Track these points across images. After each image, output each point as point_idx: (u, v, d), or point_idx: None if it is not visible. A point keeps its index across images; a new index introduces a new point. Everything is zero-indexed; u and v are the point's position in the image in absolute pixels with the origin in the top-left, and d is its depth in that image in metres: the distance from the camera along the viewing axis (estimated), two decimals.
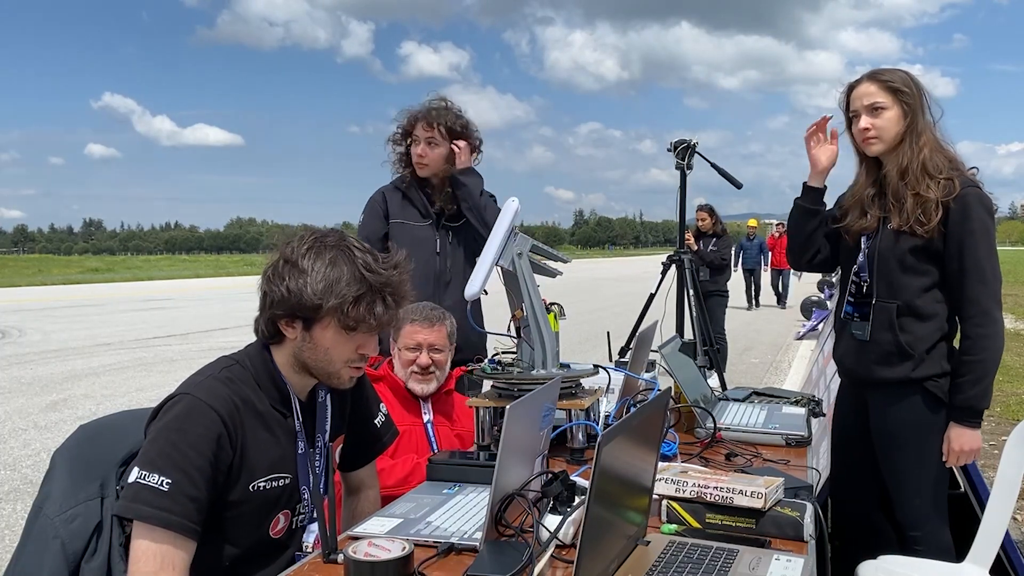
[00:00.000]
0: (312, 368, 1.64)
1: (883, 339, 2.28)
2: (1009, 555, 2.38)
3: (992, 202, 2.24)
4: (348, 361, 1.63)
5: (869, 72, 2.33)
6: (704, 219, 8.32)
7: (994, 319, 2.21)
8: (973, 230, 2.18)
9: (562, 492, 1.57)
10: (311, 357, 1.61)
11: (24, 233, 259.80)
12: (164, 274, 37.38)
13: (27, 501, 3.61)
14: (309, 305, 1.55)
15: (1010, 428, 2.67)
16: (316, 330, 1.59)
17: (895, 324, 2.27)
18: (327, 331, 1.58)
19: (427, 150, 3.09)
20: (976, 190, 2.21)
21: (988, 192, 2.24)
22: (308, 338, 1.60)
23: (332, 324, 1.57)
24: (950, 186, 2.19)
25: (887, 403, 2.31)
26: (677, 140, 4.45)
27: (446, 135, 3.09)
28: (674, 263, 4.72)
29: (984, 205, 2.21)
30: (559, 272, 2.22)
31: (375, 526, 1.58)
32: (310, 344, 1.60)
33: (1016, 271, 32.61)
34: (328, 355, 1.61)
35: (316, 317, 1.57)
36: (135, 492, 1.45)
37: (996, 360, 2.22)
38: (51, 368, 9.22)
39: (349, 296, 1.54)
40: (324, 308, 1.54)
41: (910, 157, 2.24)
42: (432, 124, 3.07)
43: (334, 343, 1.59)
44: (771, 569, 1.37)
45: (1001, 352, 2.23)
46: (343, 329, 1.57)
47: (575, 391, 2.11)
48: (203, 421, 1.51)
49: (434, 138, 3.08)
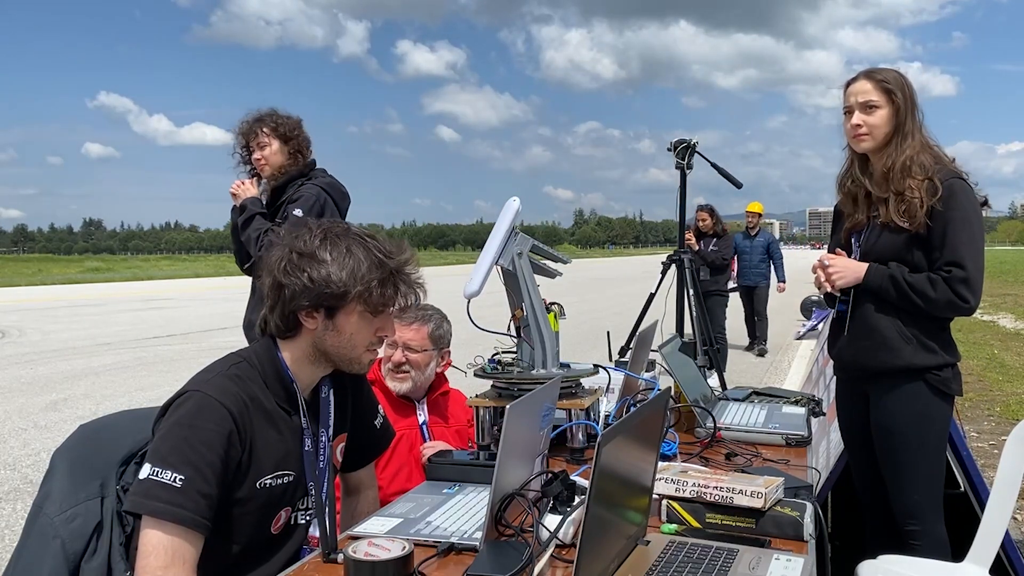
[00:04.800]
0: (333, 355, 1.66)
1: (881, 325, 2.30)
2: (1009, 555, 2.39)
3: (976, 194, 2.28)
4: (369, 344, 1.67)
5: (865, 70, 2.38)
6: (704, 219, 8.31)
7: (962, 300, 2.19)
8: (954, 218, 2.21)
9: (562, 492, 1.57)
10: (333, 344, 1.64)
11: (24, 233, 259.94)
12: (164, 274, 37.40)
13: (27, 501, 3.62)
14: (335, 293, 1.58)
15: (1010, 428, 2.68)
16: (340, 317, 1.62)
17: (891, 312, 2.29)
18: (351, 316, 1.62)
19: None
20: (960, 181, 2.25)
21: (973, 184, 2.28)
22: (331, 326, 1.62)
23: (358, 309, 1.61)
24: (932, 186, 2.22)
25: (887, 394, 2.32)
26: (677, 140, 4.45)
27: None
28: (674, 263, 4.73)
29: (967, 195, 2.24)
30: (559, 272, 2.22)
31: (375, 526, 1.58)
32: (333, 331, 1.63)
33: (1016, 271, 32.62)
34: (352, 340, 1.64)
35: (341, 304, 1.60)
36: (147, 488, 1.46)
37: (921, 305, 2.21)
38: (51, 368, 9.22)
39: (374, 280, 1.58)
40: (351, 294, 1.58)
41: (895, 157, 2.29)
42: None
43: (358, 328, 1.63)
44: (771, 569, 1.37)
45: (939, 312, 2.23)
46: (369, 313, 1.62)
47: (575, 391, 2.11)
48: (214, 418, 1.51)
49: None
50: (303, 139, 3.53)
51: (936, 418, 2.28)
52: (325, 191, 3.44)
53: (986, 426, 6.06)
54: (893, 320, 2.28)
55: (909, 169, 2.25)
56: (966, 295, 2.19)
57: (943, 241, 2.21)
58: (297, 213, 3.34)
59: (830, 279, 2.35)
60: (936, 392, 2.27)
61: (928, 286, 2.21)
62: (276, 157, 3.47)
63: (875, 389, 2.36)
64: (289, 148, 3.48)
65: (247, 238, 3.40)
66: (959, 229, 2.20)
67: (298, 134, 3.51)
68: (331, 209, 3.45)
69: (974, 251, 2.21)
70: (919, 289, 2.22)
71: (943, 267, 2.21)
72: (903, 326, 2.27)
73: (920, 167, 2.25)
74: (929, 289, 2.21)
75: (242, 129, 3.51)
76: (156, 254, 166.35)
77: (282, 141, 3.47)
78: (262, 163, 3.48)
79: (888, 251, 2.29)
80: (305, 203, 3.37)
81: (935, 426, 2.28)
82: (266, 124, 3.46)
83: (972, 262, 2.19)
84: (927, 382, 2.27)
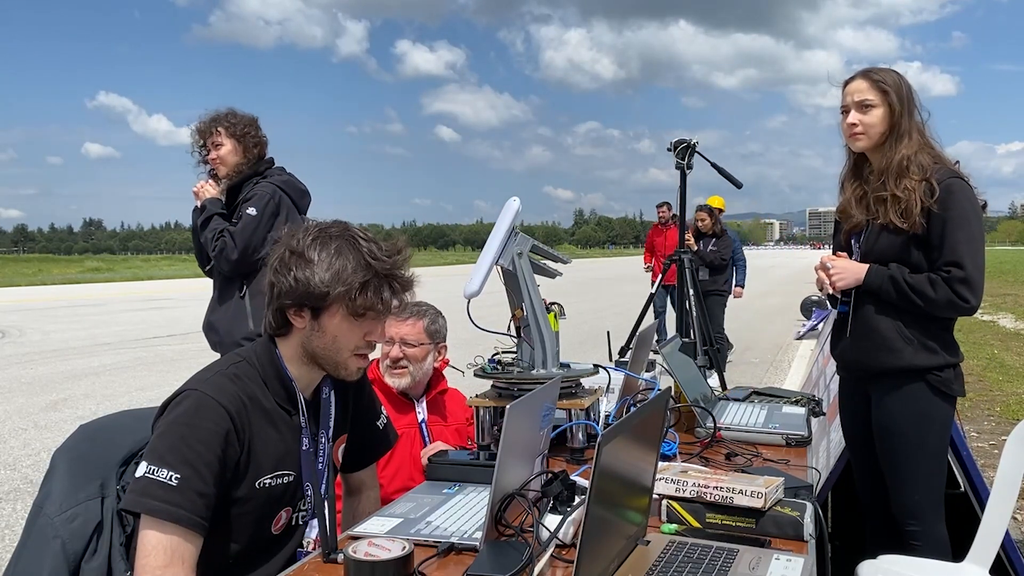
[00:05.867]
0: (320, 357, 1.65)
1: (882, 326, 2.30)
2: (1009, 555, 2.39)
3: (975, 194, 2.27)
4: (355, 349, 1.65)
5: (863, 69, 2.39)
6: (704, 219, 8.30)
7: (962, 300, 2.19)
8: (952, 218, 2.21)
9: (562, 492, 1.57)
10: (319, 345, 1.63)
11: (24, 233, 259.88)
12: (164, 274, 37.36)
13: (27, 501, 3.62)
14: (317, 293, 1.57)
15: (1010, 428, 2.68)
16: (324, 318, 1.61)
17: (892, 313, 2.29)
18: (335, 318, 1.61)
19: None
20: (958, 180, 2.25)
21: (973, 186, 2.28)
22: (316, 326, 1.62)
23: (340, 311, 1.60)
24: (929, 187, 2.22)
25: (889, 394, 2.32)
26: (677, 140, 4.46)
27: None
28: (674, 263, 4.73)
29: (965, 195, 2.24)
30: (559, 273, 2.22)
31: (375, 526, 1.58)
32: (318, 332, 1.62)
33: (1016, 271, 32.63)
34: (336, 343, 1.63)
35: (324, 305, 1.59)
36: (144, 486, 1.46)
37: (922, 305, 2.21)
38: (51, 368, 9.22)
39: (356, 283, 1.57)
40: (332, 295, 1.57)
41: (890, 157, 2.29)
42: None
43: (342, 330, 1.62)
44: (771, 569, 1.37)
45: (940, 313, 2.23)
46: (351, 315, 1.60)
47: (575, 391, 2.11)
48: (212, 417, 1.52)
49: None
50: (258, 138, 3.56)
51: (937, 418, 2.28)
52: (280, 188, 3.48)
53: (986, 426, 6.06)
54: (894, 321, 2.28)
55: (906, 169, 2.26)
56: (966, 295, 2.19)
57: (942, 241, 2.21)
58: (251, 212, 3.37)
59: (831, 280, 2.35)
60: (937, 392, 2.27)
61: (928, 286, 2.21)
62: (231, 157, 3.50)
63: (877, 389, 2.36)
64: (244, 147, 3.51)
65: (204, 239, 3.45)
66: (957, 229, 2.20)
67: (253, 133, 3.53)
68: (287, 206, 3.48)
69: (973, 251, 2.21)
70: (919, 289, 2.22)
71: (942, 267, 2.21)
72: (904, 327, 2.27)
73: (918, 167, 2.25)
74: (929, 289, 2.21)
75: (199, 128, 3.53)
76: (156, 254, 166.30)
77: (236, 141, 3.50)
78: (217, 163, 3.51)
79: (888, 252, 2.29)
80: (259, 201, 3.40)
81: (936, 426, 2.28)
82: (221, 124, 3.48)
83: (971, 262, 2.19)
84: (928, 383, 2.26)
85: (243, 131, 3.50)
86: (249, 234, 3.34)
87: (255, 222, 3.35)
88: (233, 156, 3.50)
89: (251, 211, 3.37)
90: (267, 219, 3.38)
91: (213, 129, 3.49)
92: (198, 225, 3.51)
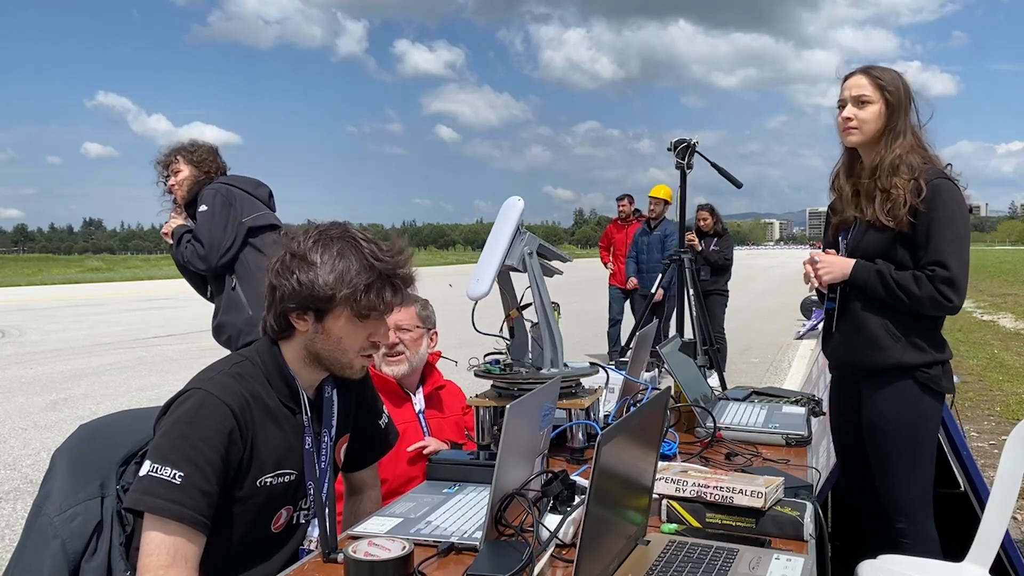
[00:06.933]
0: (325, 359, 1.65)
1: (870, 323, 2.31)
2: (1009, 555, 2.38)
3: (963, 195, 2.28)
4: (360, 350, 1.65)
5: (863, 66, 2.40)
6: (705, 218, 8.28)
7: (945, 299, 2.20)
8: (937, 218, 2.22)
9: (562, 492, 1.57)
10: (324, 347, 1.63)
11: (24, 233, 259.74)
12: (164, 274, 37.31)
13: (27, 501, 3.61)
14: (321, 296, 1.57)
15: (1010, 428, 2.68)
16: (328, 320, 1.61)
17: (879, 310, 2.29)
18: (339, 320, 1.61)
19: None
20: (946, 181, 2.26)
21: (963, 187, 2.29)
22: (320, 329, 1.62)
23: (344, 313, 1.60)
24: (917, 186, 2.23)
25: (878, 391, 2.33)
26: (677, 139, 4.46)
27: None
28: (674, 262, 4.72)
29: (952, 195, 2.25)
30: (559, 271, 2.22)
31: (375, 525, 1.58)
32: (322, 335, 1.62)
33: (1016, 271, 32.62)
34: (341, 344, 1.63)
35: (329, 308, 1.59)
36: (147, 485, 1.46)
37: (906, 302, 2.22)
38: (51, 368, 9.22)
39: (360, 285, 1.57)
40: (337, 298, 1.57)
41: (883, 155, 2.30)
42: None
43: (346, 332, 1.62)
44: (771, 569, 1.37)
45: (924, 310, 2.24)
46: (356, 317, 1.60)
47: (575, 390, 2.11)
48: (215, 416, 1.51)
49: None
50: (217, 164, 3.74)
51: (926, 415, 2.29)
52: (224, 184, 3.63)
53: (986, 426, 6.05)
54: (882, 319, 2.29)
55: (897, 168, 2.27)
56: (949, 294, 2.20)
57: (927, 240, 2.23)
58: (202, 209, 3.54)
59: (818, 275, 2.36)
60: (926, 389, 2.28)
61: (913, 283, 2.22)
62: (188, 181, 3.68)
63: (866, 386, 2.37)
64: (199, 172, 3.68)
65: (180, 255, 3.62)
66: (942, 229, 2.22)
67: (211, 159, 3.72)
68: (239, 195, 3.61)
69: (958, 250, 2.22)
70: (904, 285, 2.23)
71: (927, 267, 2.22)
72: (891, 324, 2.28)
73: (908, 167, 2.26)
74: (913, 286, 2.22)
75: (160, 160, 3.73)
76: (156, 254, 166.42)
77: (194, 167, 3.68)
78: (175, 187, 3.69)
79: (873, 249, 2.30)
80: (205, 199, 3.57)
81: (925, 424, 2.29)
82: (180, 153, 3.69)
83: (956, 261, 2.20)
84: (917, 380, 2.27)
85: (200, 158, 3.70)
86: (207, 229, 3.51)
87: (209, 216, 3.52)
88: (190, 180, 3.69)
89: (202, 208, 3.55)
90: (220, 209, 3.53)
91: (173, 159, 3.70)
92: (175, 249, 3.66)
